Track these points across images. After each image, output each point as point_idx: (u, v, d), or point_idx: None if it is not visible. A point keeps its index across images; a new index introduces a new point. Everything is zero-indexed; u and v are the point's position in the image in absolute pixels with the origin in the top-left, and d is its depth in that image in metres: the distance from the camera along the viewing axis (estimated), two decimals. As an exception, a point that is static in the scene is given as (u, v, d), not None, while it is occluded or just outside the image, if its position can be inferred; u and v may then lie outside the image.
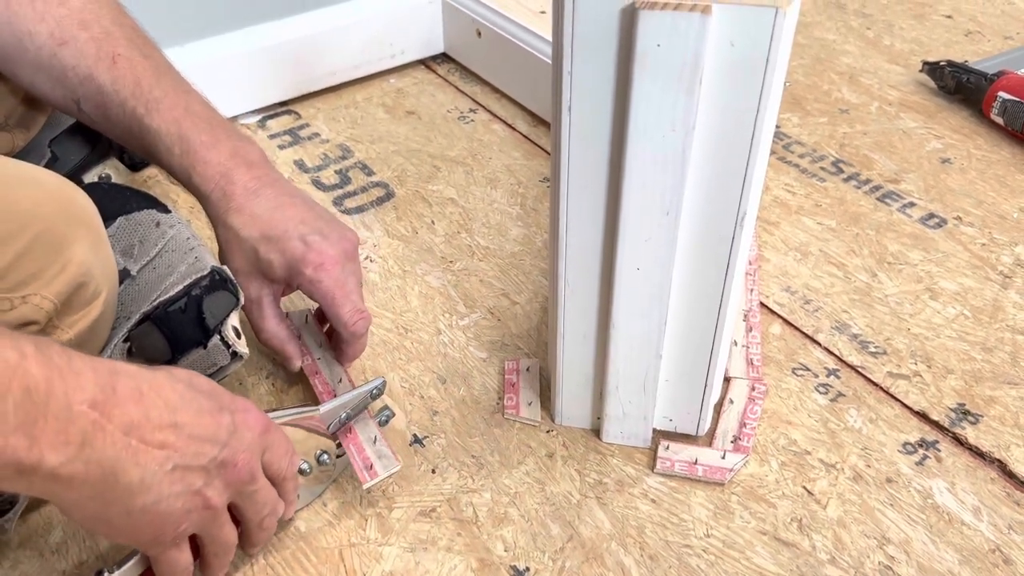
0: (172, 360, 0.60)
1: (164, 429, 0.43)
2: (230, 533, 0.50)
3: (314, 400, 0.64)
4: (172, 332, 0.61)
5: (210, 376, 0.61)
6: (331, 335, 0.68)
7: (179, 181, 0.63)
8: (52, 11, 0.61)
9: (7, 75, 0.64)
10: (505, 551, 0.57)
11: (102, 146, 0.80)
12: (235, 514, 0.50)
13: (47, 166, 0.77)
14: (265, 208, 0.61)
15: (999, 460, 0.62)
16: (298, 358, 0.66)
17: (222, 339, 0.64)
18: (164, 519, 0.45)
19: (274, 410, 0.57)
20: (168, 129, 0.61)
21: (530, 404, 0.67)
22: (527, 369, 0.69)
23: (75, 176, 0.79)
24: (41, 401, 0.38)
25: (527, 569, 0.56)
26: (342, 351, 0.66)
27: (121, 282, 0.61)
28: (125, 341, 0.60)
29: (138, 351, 0.60)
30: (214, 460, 0.45)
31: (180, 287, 0.65)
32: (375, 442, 0.59)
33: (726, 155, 0.49)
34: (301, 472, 0.55)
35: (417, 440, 0.65)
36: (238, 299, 0.66)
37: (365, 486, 0.57)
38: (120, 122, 0.62)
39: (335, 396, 0.62)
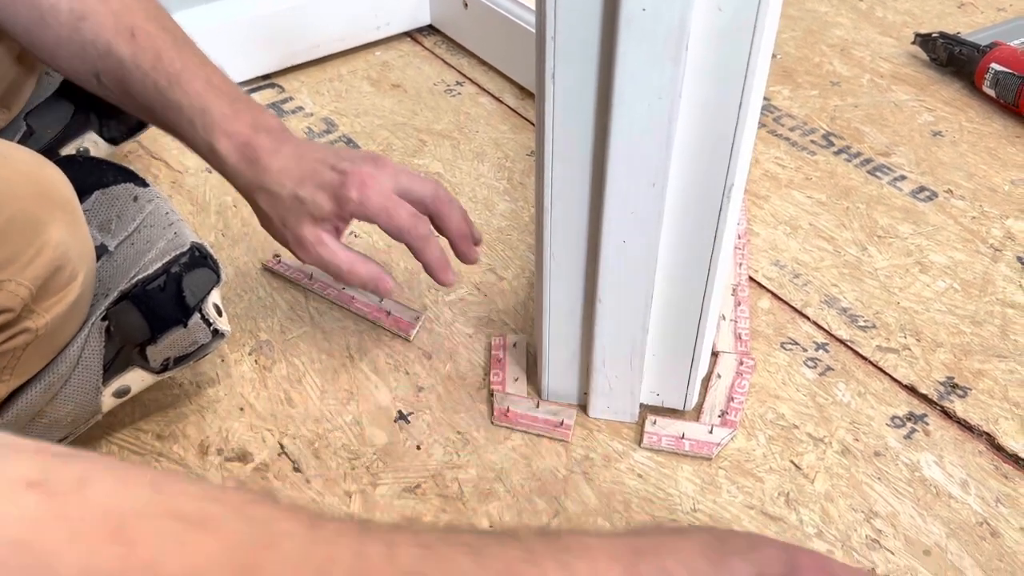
0: (152, 339, 0.59)
1: None
2: None
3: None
4: (151, 311, 0.59)
5: (191, 355, 0.60)
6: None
7: (201, 155, 0.63)
8: None
9: (28, 49, 0.64)
10: (491, 527, 0.57)
11: (79, 119, 0.78)
12: None
13: (23, 140, 0.76)
14: (288, 159, 0.61)
15: (987, 433, 0.62)
16: (387, 277, 0.62)
17: (203, 317, 0.63)
18: None
19: None
20: (190, 103, 0.60)
21: (516, 380, 0.66)
22: (514, 345, 0.68)
23: (52, 150, 0.77)
24: None
25: (513, 545, 0.56)
26: (455, 251, 0.64)
27: (98, 258, 0.60)
28: (103, 319, 0.59)
29: (116, 329, 0.59)
30: None
31: (159, 264, 0.64)
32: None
33: (713, 124, 0.48)
34: None
35: (402, 416, 0.64)
36: (219, 276, 0.65)
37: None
38: (141, 96, 0.62)
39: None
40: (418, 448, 0.62)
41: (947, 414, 0.64)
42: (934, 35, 1.01)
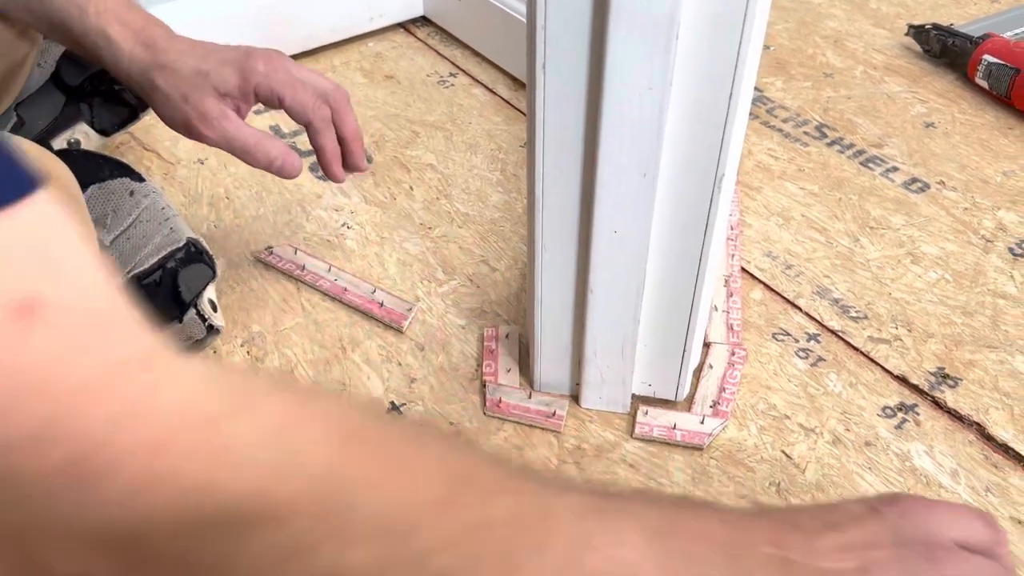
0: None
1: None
2: None
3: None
4: (147, 306, 0.60)
5: (185, 350, 0.60)
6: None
7: (92, 46, 0.61)
8: None
9: None
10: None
11: (70, 110, 0.78)
12: None
13: (13, 131, 0.76)
14: (187, 44, 0.61)
15: (977, 423, 0.62)
16: (296, 154, 0.63)
17: (198, 313, 0.63)
18: None
19: None
20: None
21: (509, 371, 0.66)
22: (506, 336, 0.69)
23: (43, 141, 0.77)
24: None
25: (505, 535, 0.56)
26: (347, 152, 0.65)
27: (92, 250, 0.60)
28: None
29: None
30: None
31: (155, 259, 0.64)
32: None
33: (704, 114, 0.48)
34: None
35: (395, 407, 0.64)
36: (214, 271, 0.65)
37: None
38: None
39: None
40: (411, 439, 0.62)
41: (938, 404, 0.64)
42: (927, 26, 1.01)
